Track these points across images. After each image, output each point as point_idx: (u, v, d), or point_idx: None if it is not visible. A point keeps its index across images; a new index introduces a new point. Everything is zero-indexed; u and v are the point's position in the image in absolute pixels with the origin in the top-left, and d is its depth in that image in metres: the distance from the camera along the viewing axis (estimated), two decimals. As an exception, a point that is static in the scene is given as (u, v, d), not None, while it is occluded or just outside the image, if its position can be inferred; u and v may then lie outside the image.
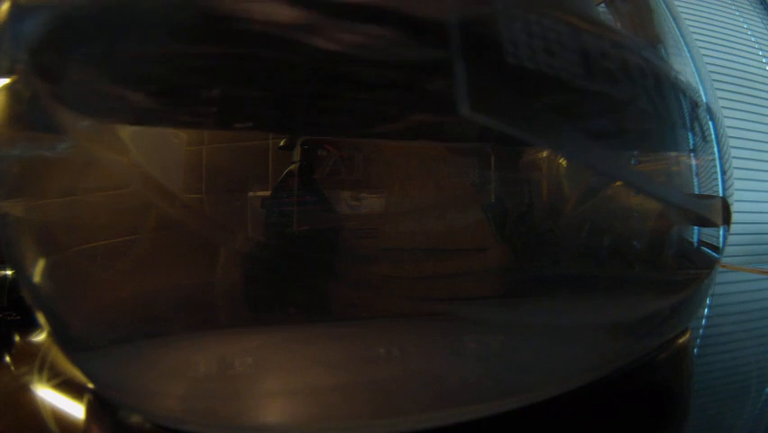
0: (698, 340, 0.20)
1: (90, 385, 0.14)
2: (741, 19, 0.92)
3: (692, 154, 0.16)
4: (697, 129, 0.16)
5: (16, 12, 0.11)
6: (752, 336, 0.22)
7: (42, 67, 0.11)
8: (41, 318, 0.13)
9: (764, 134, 0.85)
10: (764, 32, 0.94)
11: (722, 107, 0.20)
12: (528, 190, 0.14)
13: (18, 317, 0.22)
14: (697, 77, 0.17)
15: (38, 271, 0.13)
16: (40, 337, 0.20)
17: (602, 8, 0.15)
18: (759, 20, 0.95)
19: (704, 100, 0.17)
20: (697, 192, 0.16)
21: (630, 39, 0.14)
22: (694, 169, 0.16)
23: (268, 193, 0.12)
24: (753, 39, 0.92)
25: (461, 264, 0.13)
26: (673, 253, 0.16)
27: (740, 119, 0.83)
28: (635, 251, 0.15)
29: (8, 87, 0.12)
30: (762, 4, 0.97)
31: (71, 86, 0.11)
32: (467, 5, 0.10)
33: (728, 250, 0.19)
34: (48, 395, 0.15)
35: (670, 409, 0.14)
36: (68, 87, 0.11)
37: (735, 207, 0.18)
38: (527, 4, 0.11)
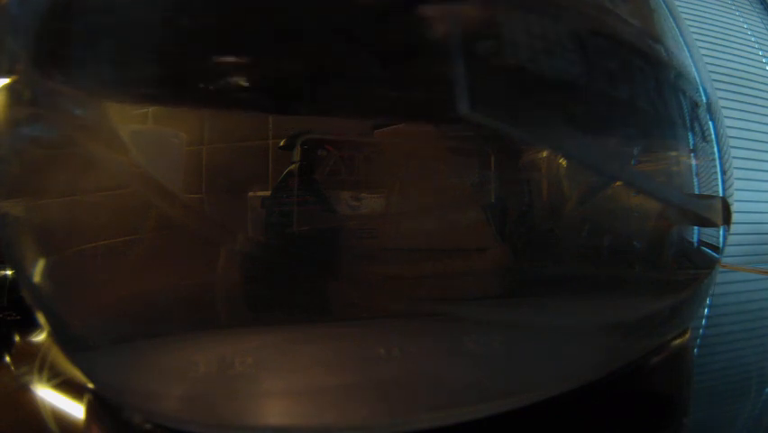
0: (698, 340, 0.20)
1: (90, 385, 0.14)
2: (741, 19, 0.92)
3: (692, 154, 0.16)
4: (697, 129, 0.16)
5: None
6: (752, 336, 0.22)
7: (44, 51, 0.11)
8: (41, 318, 0.13)
9: (764, 134, 0.85)
10: (764, 32, 0.94)
11: (722, 107, 0.20)
12: (528, 190, 0.14)
13: (18, 317, 0.22)
14: (697, 77, 0.17)
15: (38, 271, 0.13)
16: (40, 337, 0.20)
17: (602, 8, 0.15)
18: (759, 20, 0.95)
19: (704, 100, 0.17)
20: (697, 192, 0.16)
21: (630, 39, 0.14)
22: (694, 169, 0.16)
23: (268, 193, 0.12)
24: (753, 39, 0.92)
25: (461, 264, 0.13)
26: (673, 253, 0.16)
27: (740, 119, 0.83)
28: (635, 251, 0.15)
29: (8, 86, 0.12)
30: (762, 4, 0.97)
31: (75, 69, 0.11)
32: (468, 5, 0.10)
33: (728, 250, 0.19)
34: (48, 395, 0.15)
35: (670, 409, 0.14)
36: (71, 70, 0.11)
37: (735, 207, 0.18)
38: (528, 3, 0.11)
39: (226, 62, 0.11)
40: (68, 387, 0.15)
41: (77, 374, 0.15)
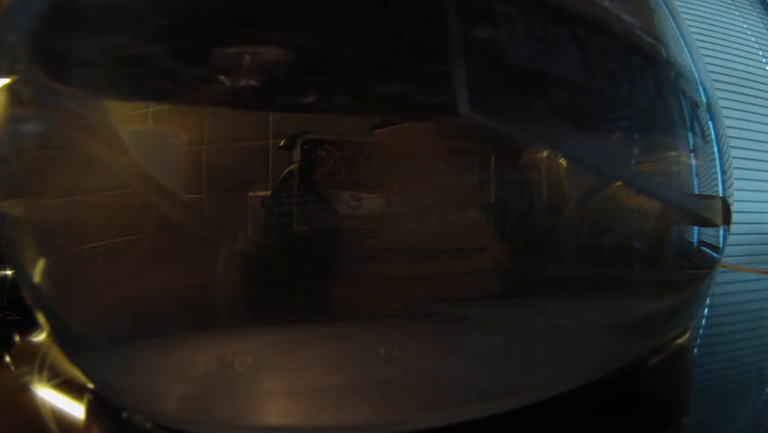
0: (698, 340, 0.20)
1: (90, 385, 0.14)
2: (741, 19, 0.92)
3: (692, 154, 0.16)
4: (697, 129, 0.16)
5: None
6: (752, 336, 0.22)
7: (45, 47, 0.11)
8: (41, 318, 0.13)
9: (764, 134, 0.85)
10: (764, 32, 0.94)
11: (722, 107, 0.20)
12: (528, 190, 0.14)
13: (18, 317, 0.22)
14: (697, 77, 0.17)
15: (38, 271, 0.13)
16: (40, 337, 0.20)
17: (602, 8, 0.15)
18: (759, 20, 0.95)
19: (704, 100, 0.17)
20: (697, 192, 0.16)
21: (630, 39, 0.14)
22: (694, 169, 0.16)
23: (268, 193, 0.12)
24: (753, 39, 0.92)
25: (461, 264, 0.13)
26: (673, 253, 0.16)
27: (740, 119, 0.83)
28: (635, 251, 0.15)
29: (8, 86, 0.12)
30: (762, 4, 0.97)
31: (75, 68, 0.11)
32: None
33: (728, 250, 0.19)
34: (48, 395, 0.15)
35: (670, 409, 0.14)
36: (71, 69, 0.11)
37: (735, 207, 0.18)
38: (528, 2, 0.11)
39: (228, 59, 0.11)
40: (68, 387, 0.15)
41: (77, 374, 0.15)
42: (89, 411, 0.14)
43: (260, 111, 0.13)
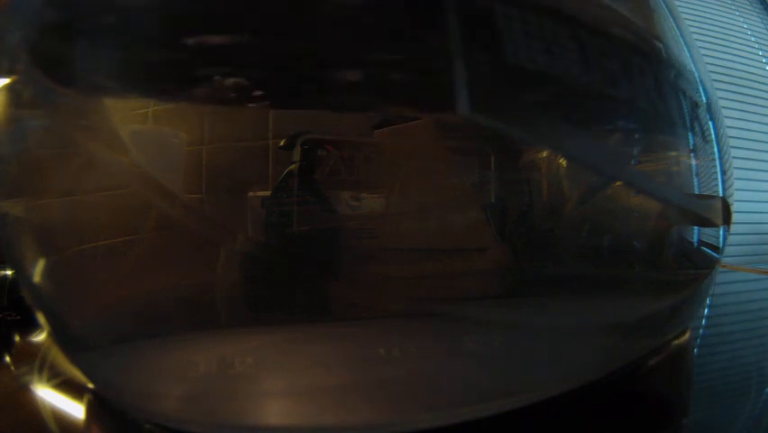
0: (698, 340, 0.20)
1: (90, 385, 0.14)
2: (741, 19, 0.92)
3: (692, 154, 0.16)
4: (697, 129, 0.16)
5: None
6: (752, 336, 0.22)
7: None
8: (41, 318, 0.13)
9: (764, 134, 0.85)
10: (764, 32, 0.94)
11: (722, 107, 0.20)
12: (528, 190, 0.14)
13: (18, 317, 0.22)
14: (697, 77, 0.17)
15: (38, 271, 0.13)
16: (40, 337, 0.20)
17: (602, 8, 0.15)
18: (759, 20, 0.95)
19: (704, 100, 0.17)
20: (697, 192, 0.16)
21: (630, 39, 0.14)
22: (694, 169, 0.16)
23: (268, 193, 0.12)
24: (753, 39, 0.92)
25: (461, 264, 0.13)
26: (673, 253, 0.16)
27: (740, 119, 0.83)
28: (635, 251, 0.15)
29: (8, 86, 0.12)
30: (762, 4, 0.97)
31: (75, 68, 0.11)
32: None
33: (728, 250, 0.19)
34: (48, 395, 0.15)
35: (670, 409, 0.14)
36: (71, 69, 0.11)
37: (735, 207, 0.18)
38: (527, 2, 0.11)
39: (230, 58, 0.11)
40: (68, 387, 0.15)
41: (77, 374, 0.15)
42: (89, 411, 0.14)
43: (258, 109, 0.13)
